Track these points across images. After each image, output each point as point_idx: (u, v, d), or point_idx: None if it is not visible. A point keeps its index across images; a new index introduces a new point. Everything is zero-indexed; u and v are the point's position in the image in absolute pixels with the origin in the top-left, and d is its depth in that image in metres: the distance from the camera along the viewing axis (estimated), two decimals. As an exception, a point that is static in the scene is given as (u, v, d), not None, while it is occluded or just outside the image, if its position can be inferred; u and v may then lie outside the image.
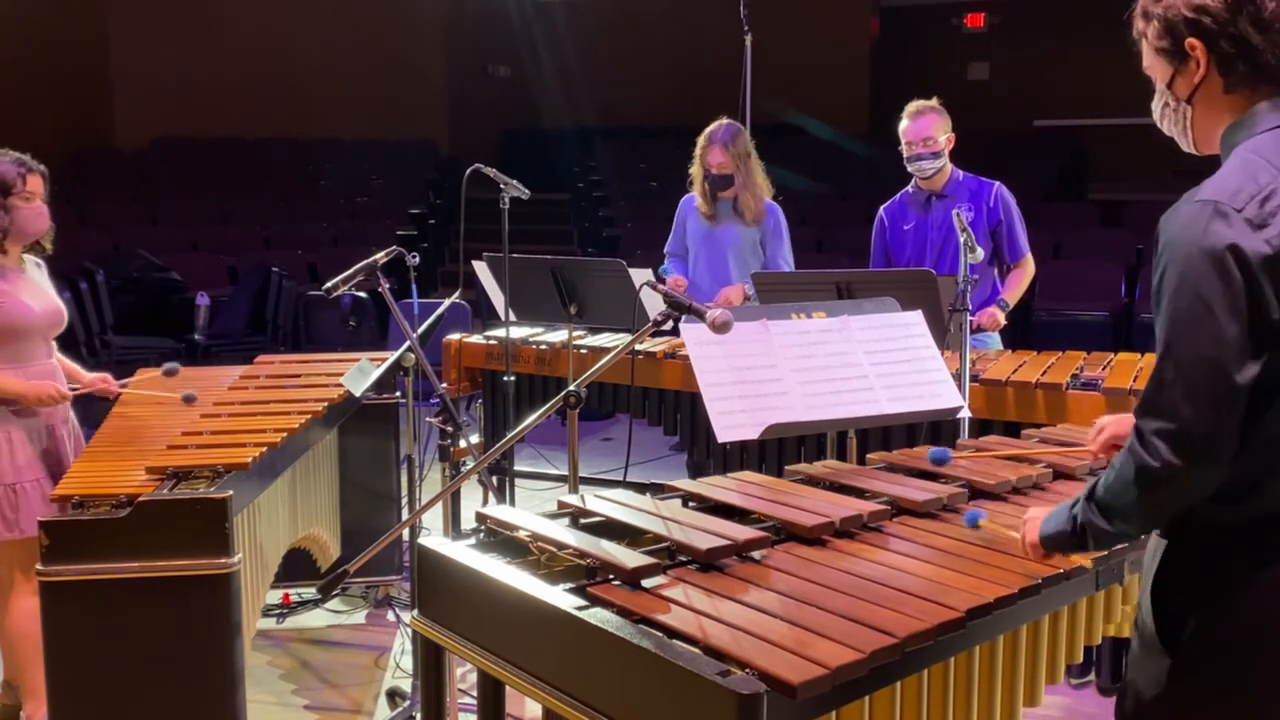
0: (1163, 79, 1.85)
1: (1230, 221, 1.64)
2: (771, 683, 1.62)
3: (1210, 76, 1.78)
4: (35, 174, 3.51)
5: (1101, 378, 3.79)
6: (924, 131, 4.40)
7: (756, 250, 4.80)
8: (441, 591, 2.17)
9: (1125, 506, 1.74)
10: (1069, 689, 3.67)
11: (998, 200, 4.46)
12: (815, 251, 10.22)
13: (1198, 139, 1.86)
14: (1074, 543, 1.87)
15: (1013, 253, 4.48)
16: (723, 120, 4.83)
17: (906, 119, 4.45)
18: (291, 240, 11.49)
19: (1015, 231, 4.48)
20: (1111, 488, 1.75)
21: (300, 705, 3.85)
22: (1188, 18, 1.77)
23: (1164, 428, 1.65)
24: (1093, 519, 1.79)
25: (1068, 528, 1.86)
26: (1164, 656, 1.80)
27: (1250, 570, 1.73)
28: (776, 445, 4.12)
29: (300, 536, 3.99)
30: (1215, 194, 1.67)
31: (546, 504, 4.54)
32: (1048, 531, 1.92)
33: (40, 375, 3.49)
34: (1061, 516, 1.89)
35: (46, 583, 2.90)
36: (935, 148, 4.40)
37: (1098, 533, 1.80)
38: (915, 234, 4.50)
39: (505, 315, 4.44)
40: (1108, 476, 1.76)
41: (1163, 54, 1.83)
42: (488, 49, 14.62)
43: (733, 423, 2.77)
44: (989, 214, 4.45)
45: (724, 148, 4.71)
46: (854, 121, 13.51)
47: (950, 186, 4.50)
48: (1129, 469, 1.70)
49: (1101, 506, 1.78)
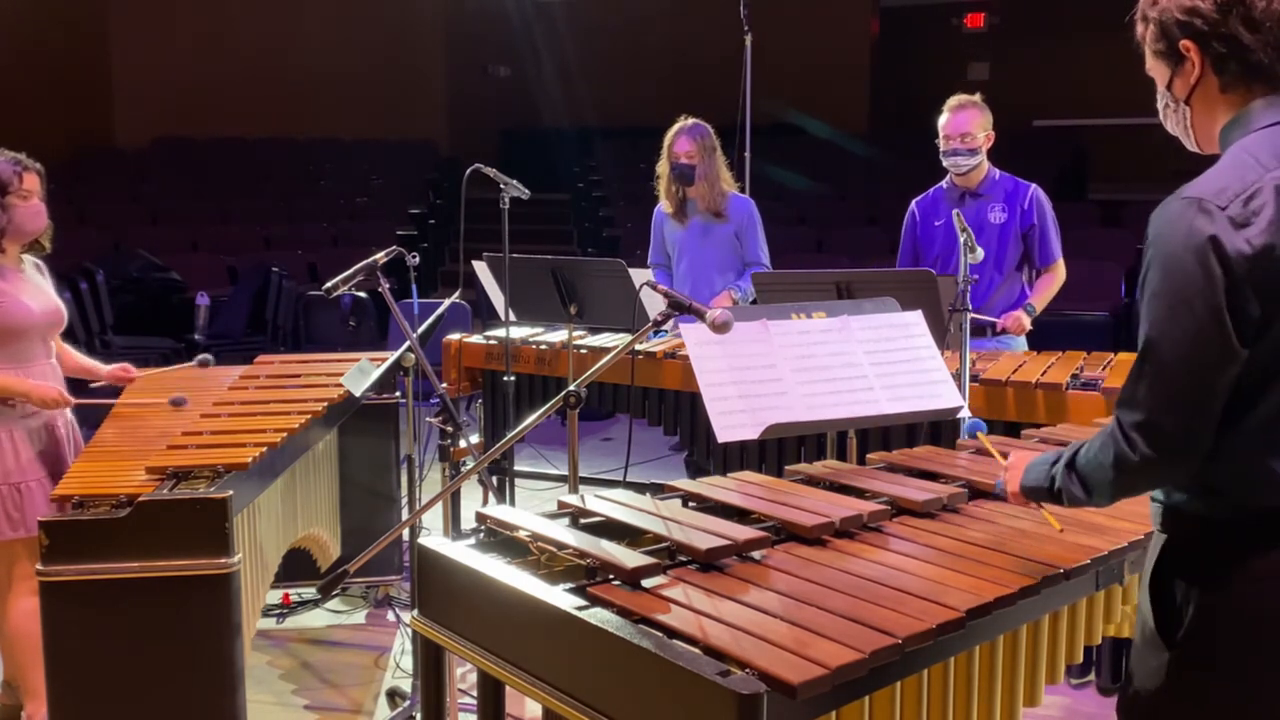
0: (1162, 81, 1.88)
1: (1213, 219, 1.66)
2: (771, 683, 1.62)
3: (1205, 77, 1.81)
4: (32, 172, 3.51)
5: (1101, 378, 3.79)
6: (962, 126, 4.33)
7: (734, 244, 4.82)
8: (441, 591, 2.17)
9: (1099, 484, 1.81)
10: (1069, 689, 3.67)
11: (1033, 203, 4.37)
12: (815, 251, 10.23)
13: (1200, 139, 1.89)
14: (1050, 498, 1.95)
15: (1044, 257, 4.39)
16: (689, 118, 4.87)
17: (946, 112, 4.38)
18: (291, 240, 11.49)
19: (1048, 235, 4.38)
20: (1089, 464, 1.82)
21: (300, 705, 3.85)
22: (1180, 20, 1.79)
23: (1140, 421, 1.71)
24: (1069, 486, 1.87)
25: (1045, 484, 1.94)
26: (1163, 650, 1.81)
27: (1245, 562, 1.74)
28: (776, 445, 4.12)
29: (300, 536, 3.99)
30: (1201, 191, 1.70)
31: (546, 504, 4.53)
32: (1027, 482, 2.00)
33: (39, 376, 3.49)
34: (1041, 472, 1.96)
35: (46, 583, 2.90)
36: (973, 144, 4.33)
37: (1072, 497, 1.88)
38: (945, 231, 4.42)
39: (505, 315, 4.44)
40: (1088, 451, 1.83)
41: (1160, 56, 1.86)
42: (488, 49, 14.63)
43: (733, 423, 2.77)
44: (1022, 216, 4.36)
45: (692, 138, 4.75)
46: (854, 121, 13.52)
47: (985, 185, 4.43)
48: (1107, 453, 1.76)
49: (1080, 477, 1.85)
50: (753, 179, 6.27)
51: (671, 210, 4.91)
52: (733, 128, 5.94)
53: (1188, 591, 1.79)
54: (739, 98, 6.23)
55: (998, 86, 4.40)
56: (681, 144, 4.77)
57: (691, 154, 4.75)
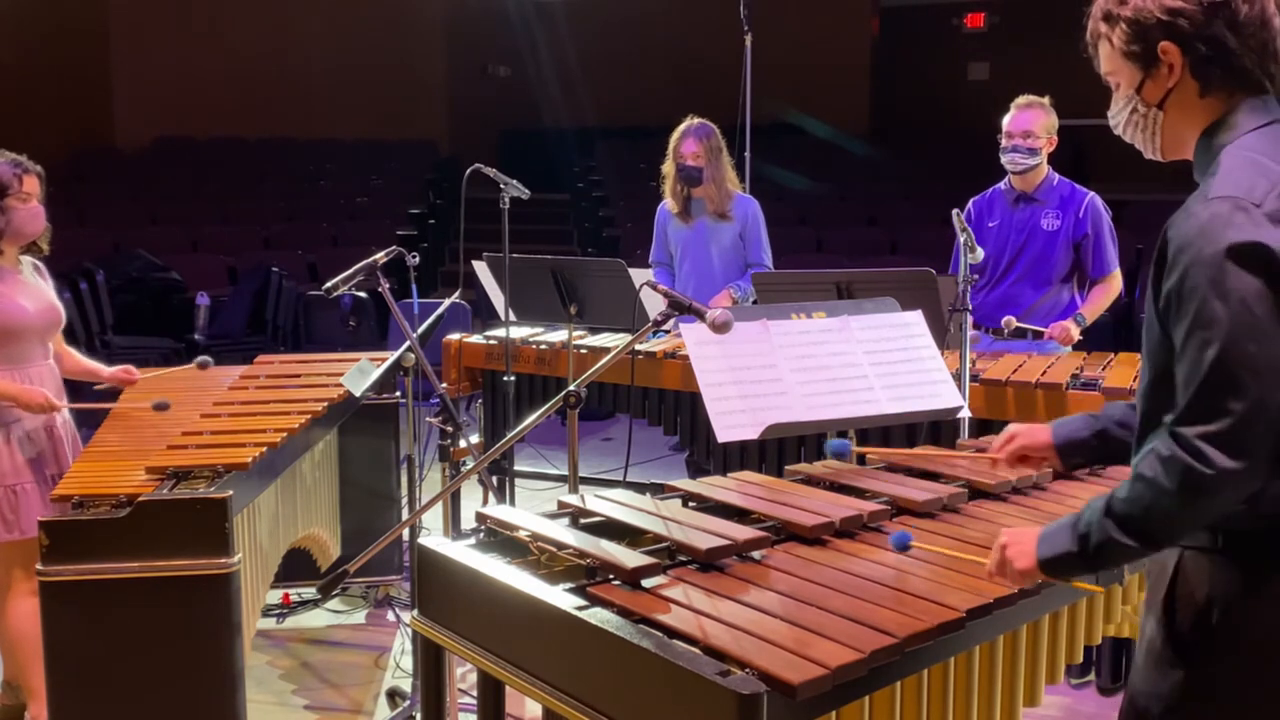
0: (1130, 84, 1.80)
1: (1251, 216, 1.60)
2: (771, 683, 1.62)
3: (1184, 81, 1.75)
4: (31, 174, 3.51)
5: (1101, 378, 3.79)
6: (1026, 125, 4.29)
7: (737, 244, 4.82)
8: (441, 591, 2.17)
9: (1159, 518, 1.64)
10: (1069, 689, 3.67)
11: (1088, 211, 4.28)
12: (815, 252, 10.22)
13: (1165, 144, 1.82)
14: (1084, 564, 1.74)
15: (1097, 268, 4.30)
16: (695, 118, 4.86)
17: (1013, 110, 4.34)
18: (291, 240, 11.48)
19: (1103, 246, 4.29)
20: (1140, 501, 1.64)
21: (300, 705, 3.85)
22: (1161, 20, 1.73)
23: (1212, 430, 1.57)
24: (1114, 535, 1.67)
25: (1075, 548, 1.73)
26: (1177, 669, 1.74)
27: (1272, 579, 1.68)
28: (776, 445, 4.12)
29: (300, 536, 3.99)
30: (1232, 190, 1.63)
31: (546, 504, 4.52)
32: (1048, 555, 1.77)
33: (36, 377, 3.49)
34: (1062, 538, 1.75)
35: (46, 583, 2.90)
36: (1034, 144, 4.28)
37: (1117, 550, 1.69)
38: (997, 233, 4.37)
39: (505, 315, 4.44)
40: (1131, 491, 1.66)
41: (1131, 58, 1.78)
42: (488, 49, 14.62)
43: (732, 423, 2.77)
44: (1076, 225, 4.27)
45: (698, 140, 4.74)
46: (854, 121, 13.50)
47: (1042, 190, 4.35)
48: (1168, 479, 1.60)
49: (1124, 521, 1.66)
50: (753, 179, 6.27)
51: (677, 210, 4.90)
52: (733, 128, 5.94)
53: (1207, 610, 1.71)
54: (739, 98, 6.23)
55: (998, 86, 4.40)
56: (688, 146, 4.75)
57: (698, 155, 4.73)
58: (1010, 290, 4.34)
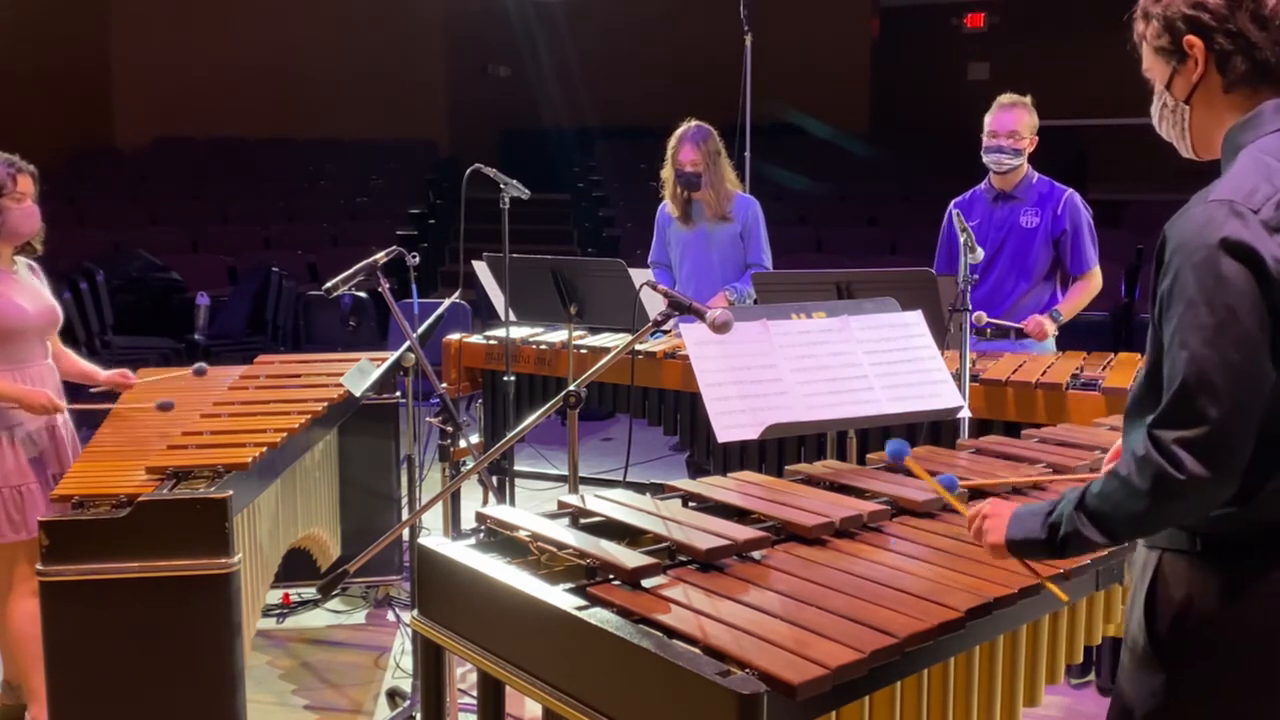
0: (1161, 80, 1.82)
1: (1246, 222, 1.60)
2: (771, 683, 1.62)
3: (1209, 75, 1.75)
4: (25, 174, 3.50)
5: (1101, 378, 3.79)
6: (1011, 124, 4.30)
7: (738, 245, 4.81)
8: (441, 591, 2.17)
9: (1126, 517, 1.67)
10: (1069, 689, 3.67)
11: (1065, 208, 4.31)
12: (815, 252, 10.22)
13: (1195, 141, 1.83)
14: (1049, 551, 1.79)
15: (1075, 264, 4.32)
16: (692, 121, 4.84)
17: (996, 108, 4.35)
18: (291, 240, 11.48)
19: (1081, 242, 4.31)
20: (1111, 497, 1.67)
21: (300, 705, 3.85)
22: (1186, 14, 1.74)
23: (1187, 436, 1.58)
24: (1081, 529, 1.71)
25: (1042, 535, 1.77)
26: (1159, 671, 1.76)
27: (1249, 580, 1.69)
28: (776, 445, 4.12)
29: (300, 536, 3.99)
30: (1230, 194, 1.63)
31: (546, 504, 4.52)
32: (1017, 536, 1.82)
33: (36, 377, 3.49)
34: (1033, 523, 1.80)
35: (46, 583, 2.90)
36: (1018, 144, 4.30)
37: (1081, 542, 1.73)
38: (978, 232, 4.32)
39: (505, 315, 4.44)
40: (1105, 486, 1.69)
41: (1161, 53, 1.80)
42: (488, 49, 14.61)
43: (732, 423, 2.77)
44: (1054, 221, 4.30)
45: (695, 145, 4.72)
46: (854, 121, 13.50)
47: (1021, 188, 4.38)
48: (1140, 480, 1.61)
49: (1095, 516, 1.70)
50: (753, 179, 6.27)
51: (677, 214, 4.89)
52: (733, 128, 5.94)
53: (1187, 610, 1.72)
54: (739, 98, 6.23)
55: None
56: (686, 153, 4.73)
57: (696, 162, 4.71)
58: (992, 288, 4.35)
